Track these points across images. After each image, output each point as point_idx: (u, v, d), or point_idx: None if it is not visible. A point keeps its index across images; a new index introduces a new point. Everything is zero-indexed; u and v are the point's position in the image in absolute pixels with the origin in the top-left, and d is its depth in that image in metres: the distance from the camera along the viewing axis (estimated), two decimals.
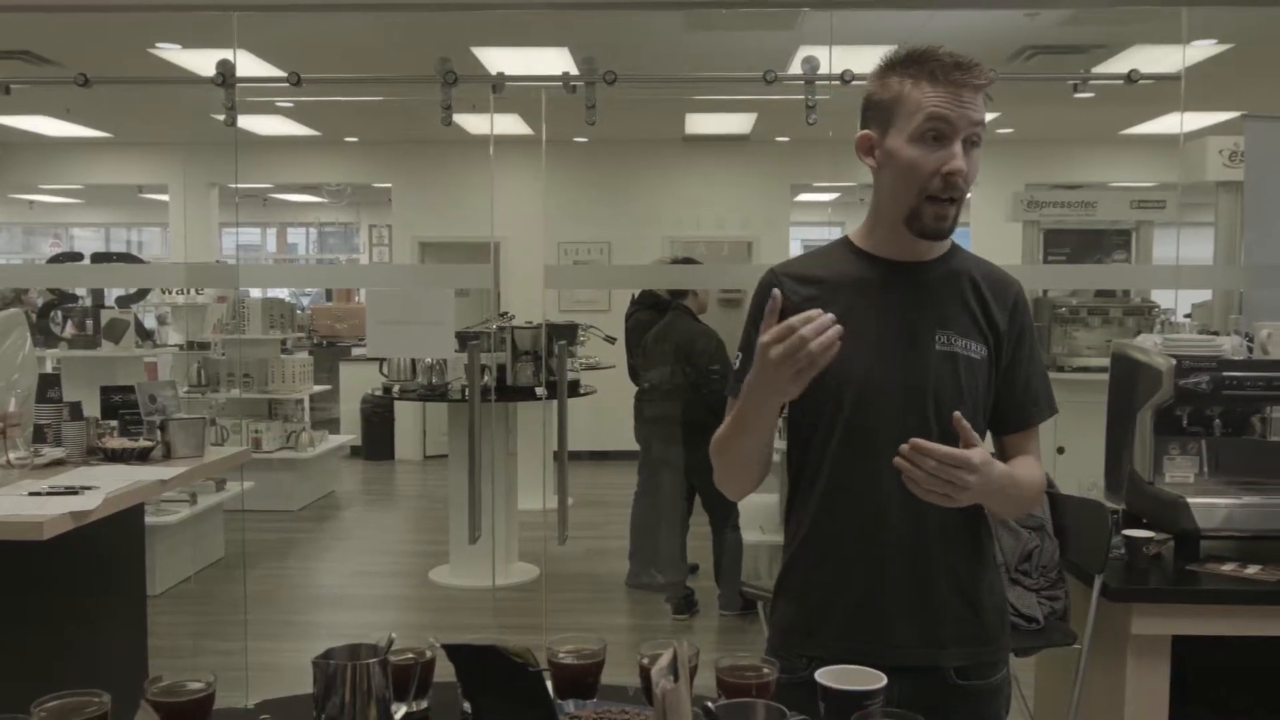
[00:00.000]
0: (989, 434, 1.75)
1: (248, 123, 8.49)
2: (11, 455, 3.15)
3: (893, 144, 1.63)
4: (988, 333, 1.71)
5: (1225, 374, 2.77)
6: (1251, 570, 2.67)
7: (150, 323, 8.55)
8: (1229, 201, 5.98)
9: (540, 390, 5.65)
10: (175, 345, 8.25)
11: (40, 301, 7.34)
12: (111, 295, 7.29)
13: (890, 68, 1.65)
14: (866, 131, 1.69)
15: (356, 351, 10.46)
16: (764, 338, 1.51)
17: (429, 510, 8.07)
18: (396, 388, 6.10)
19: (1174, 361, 2.78)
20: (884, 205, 1.70)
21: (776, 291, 1.55)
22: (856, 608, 1.68)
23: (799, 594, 1.75)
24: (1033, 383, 1.76)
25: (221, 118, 3.74)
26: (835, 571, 1.70)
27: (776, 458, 1.77)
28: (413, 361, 5.96)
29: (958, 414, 1.53)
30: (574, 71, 3.76)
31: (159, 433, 3.46)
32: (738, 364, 1.75)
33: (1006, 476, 1.60)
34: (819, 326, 1.47)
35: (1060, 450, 6.69)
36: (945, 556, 1.69)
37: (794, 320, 1.49)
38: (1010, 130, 9.19)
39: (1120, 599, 2.65)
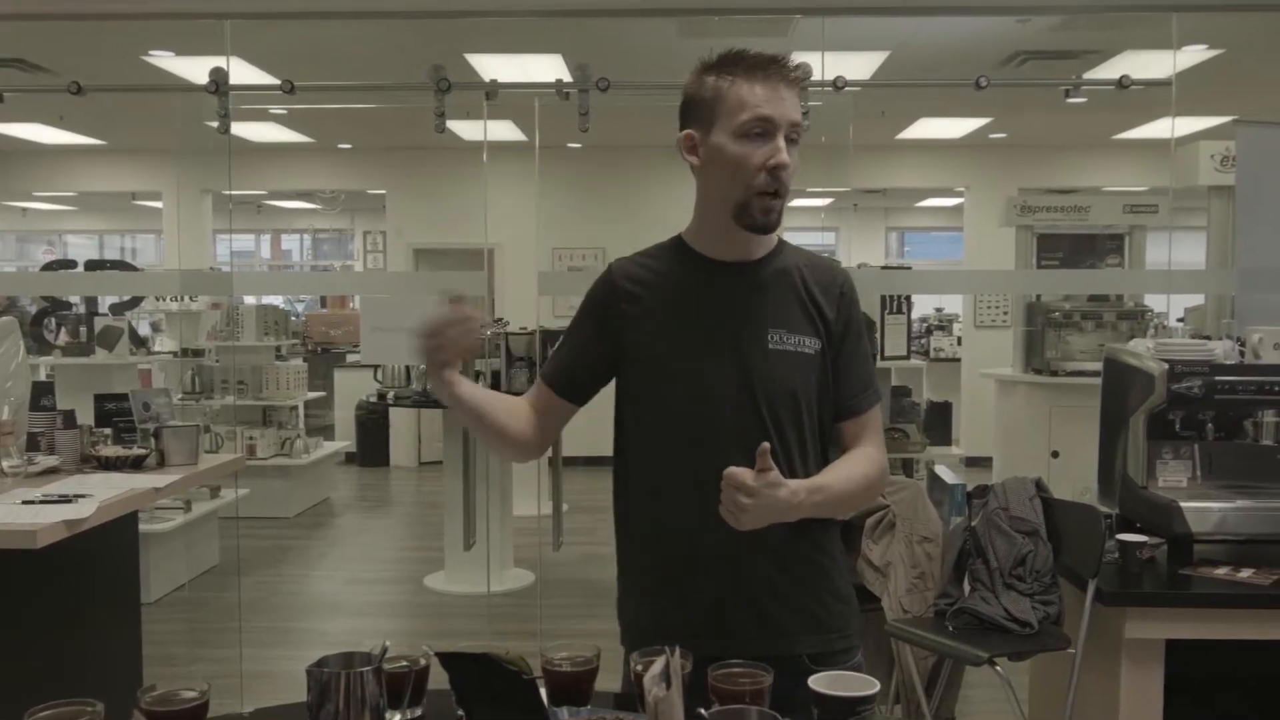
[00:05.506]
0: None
1: (241, 130, 8.48)
2: (5, 464, 3.15)
3: (717, 140, 1.66)
4: (819, 325, 1.73)
5: (1217, 378, 2.78)
6: (1244, 574, 2.67)
7: (144, 330, 8.54)
8: (1221, 206, 6.00)
9: None
10: (169, 352, 8.23)
11: (33, 309, 7.32)
12: (105, 303, 7.28)
13: (706, 69, 1.69)
14: (689, 130, 1.71)
15: (351, 358, 10.45)
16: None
17: (424, 517, 8.06)
18: (391, 394, 6.10)
19: (1166, 366, 2.80)
20: (711, 203, 1.73)
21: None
22: (703, 607, 1.69)
23: (645, 595, 1.78)
24: (859, 370, 1.77)
25: (215, 125, 3.74)
26: (679, 573, 1.71)
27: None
28: (407, 368, 5.97)
29: (764, 445, 1.52)
30: (567, 78, 3.77)
31: (153, 441, 3.46)
32: (556, 345, 1.85)
33: (805, 491, 1.58)
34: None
35: (1054, 454, 6.71)
36: (787, 552, 1.69)
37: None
38: (1003, 135, 9.22)
39: (1114, 603, 2.65)
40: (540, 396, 1.83)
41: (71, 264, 7.82)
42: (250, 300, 8.73)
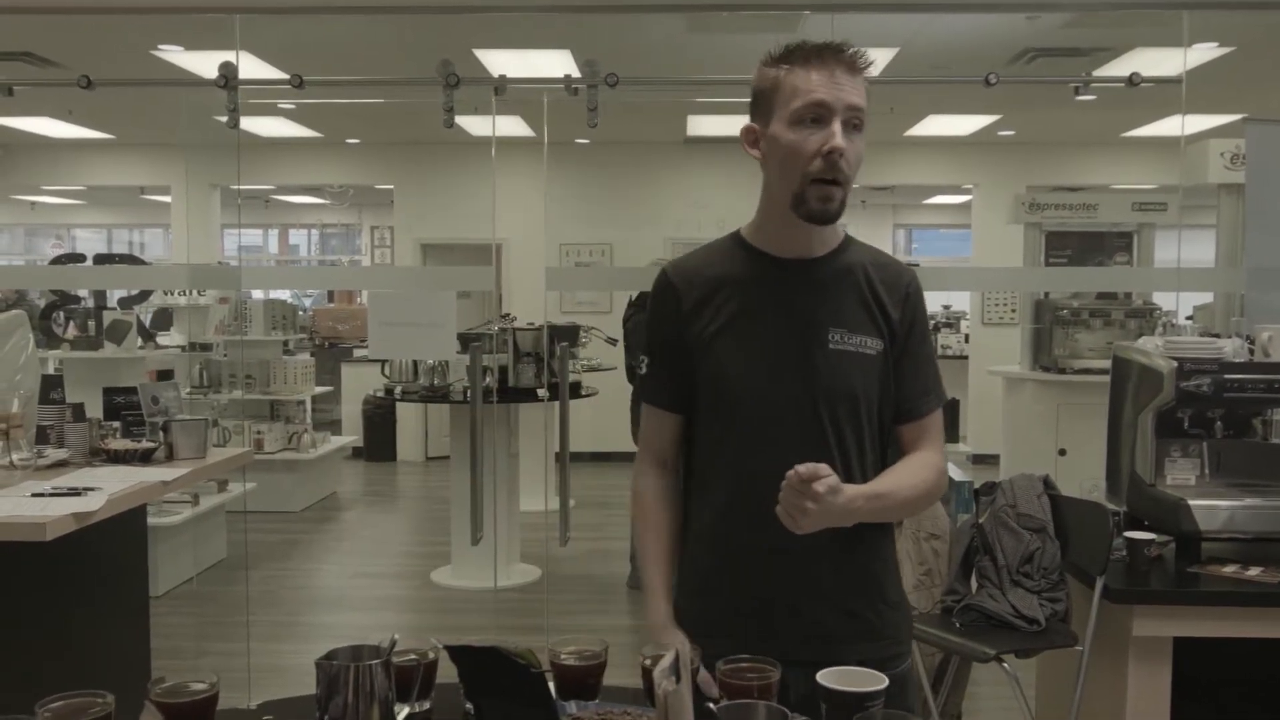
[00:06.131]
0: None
1: (250, 124, 8.49)
2: (14, 456, 3.16)
3: (774, 130, 1.63)
4: (882, 326, 1.70)
5: (1226, 376, 2.77)
6: (1252, 572, 2.67)
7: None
8: (1230, 204, 5.99)
9: (542, 391, 5.65)
10: (177, 346, 8.25)
11: (42, 303, 7.34)
12: (114, 296, 7.30)
13: (768, 61, 1.67)
14: (751, 124, 1.69)
15: (358, 353, 10.47)
16: None
17: (431, 511, 8.07)
18: (398, 389, 6.10)
19: (1175, 364, 2.79)
20: (772, 197, 1.70)
21: None
22: (754, 609, 1.68)
23: (696, 592, 1.76)
24: (922, 373, 1.74)
25: (224, 119, 3.75)
26: (731, 572, 1.70)
27: None
28: (414, 363, 5.96)
29: (800, 468, 1.49)
30: (576, 74, 3.77)
31: (161, 434, 3.47)
32: (644, 368, 1.78)
33: (863, 498, 1.57)
34: None
35: (1062, 452, 6.71)
36: (841, 557, 1.67)
37: None
38: (1012, 133, 9.20)
39: (1121, 600, 2.65)
40: (667, 432, 1.79)
41: (80, 258, 7.84)
42: (258, 295, 8.74)
